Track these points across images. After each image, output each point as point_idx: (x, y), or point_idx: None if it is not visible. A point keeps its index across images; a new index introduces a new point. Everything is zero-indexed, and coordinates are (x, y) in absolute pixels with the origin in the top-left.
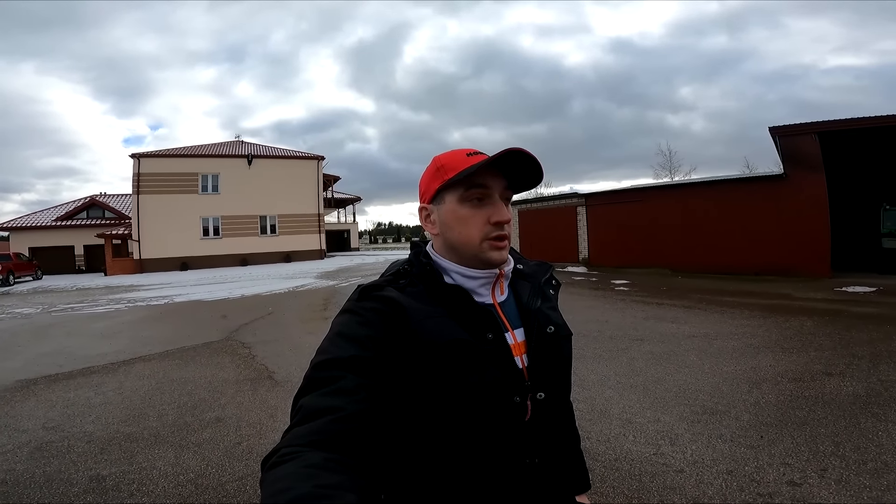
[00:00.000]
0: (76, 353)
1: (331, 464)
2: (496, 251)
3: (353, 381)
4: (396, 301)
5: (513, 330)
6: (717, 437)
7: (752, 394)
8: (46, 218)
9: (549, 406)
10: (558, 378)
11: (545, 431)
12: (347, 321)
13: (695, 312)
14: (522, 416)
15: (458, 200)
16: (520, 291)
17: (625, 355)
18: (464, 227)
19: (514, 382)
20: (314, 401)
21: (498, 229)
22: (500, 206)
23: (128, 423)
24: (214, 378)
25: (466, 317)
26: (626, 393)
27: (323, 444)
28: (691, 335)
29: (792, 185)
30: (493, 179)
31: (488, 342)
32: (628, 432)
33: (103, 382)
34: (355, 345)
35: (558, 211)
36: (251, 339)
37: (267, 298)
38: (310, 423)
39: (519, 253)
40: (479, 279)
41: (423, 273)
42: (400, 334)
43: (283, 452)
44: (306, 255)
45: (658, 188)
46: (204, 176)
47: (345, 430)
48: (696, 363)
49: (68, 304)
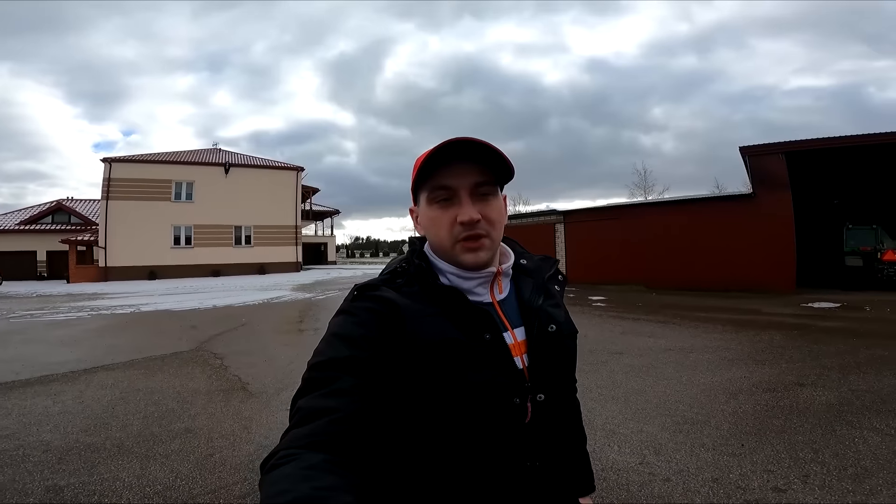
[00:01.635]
0: (34, 361)
1: (328, 465)
2: (469, 253)
3: (349, 381)
4: (392, 301)
5: (512, 329)
6: (700, 447)
7: (730, 404)
8: (9, 221)
9: (550, 407)
10: (560, 378)
11: (546, 433)
12: (343, 322)
13: (670, 327)
14: (522, 417)
15: (426, 202)
16: (522, 288)
17: (605, 368)
18: (435, 228)
19: (513, 383)
20: (311, 402)
21: (467, 229)
22: (465, 205)
23: (88, 432)
24: (184, 388)
25: (462, 318)
26: (607, 404)
27: (321, 446)
28: (668, 349)
29: (760, 204)
30: (457, 176)
31: (485, 343)
32: (613, 443)
33: (62, 391)
34: (351, 346)
35: (536, 228)
36: (223, 350)
37: (240, 310)
38: (307, 424)
39: (521, 248)
40: (475, 279)
41: (419, 273)
42: (395, 334)
43: (282, 454)
44: (282, 267)
45: (634, 206)
46: (178, 183)
47: (342, 431)
48: (674, 375)
49: (28, 310)
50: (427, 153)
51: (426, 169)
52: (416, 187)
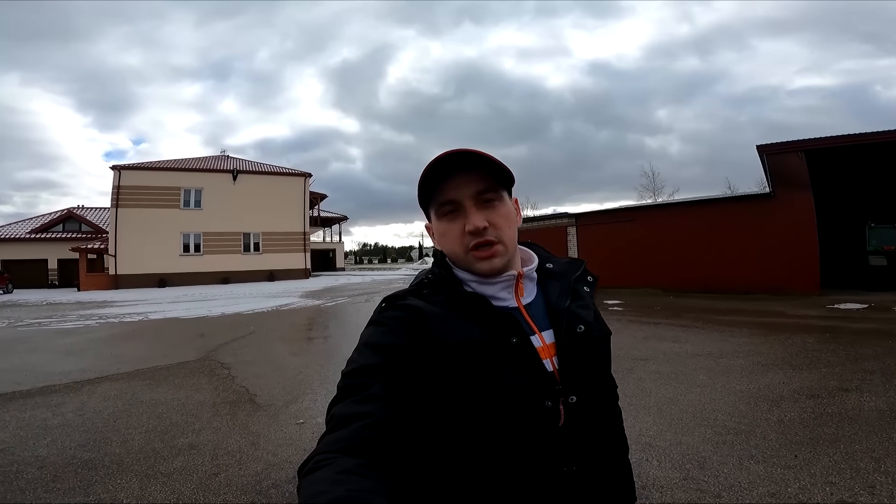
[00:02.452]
0: (37, 371)
1: (362, 469)
2: (482, 262)
3: (380, 387)
4: (418, 308)
5: (540, 332)
6: (749, 459)
7: (774, 412)
8: (21, 230)
9: (583, 410)
10: (592, 380)
11: (582, 437)
12: (373, 332)
13: (693, 331)
14: (555, 421)
15: (436, 217)
16: (549, 291)
17: (631, 376)
18: (446, 241)
19: (543, 386)
20: (345, 409)
21: (476, 237)
22: (471, 214)
23: (87, 447)
24: (189, 400)
25: (487, 323)
26: (640, 415)
27: (354, 450)
28: (696, 354)
29: (780, 204)
30: (457, 188)
31: (512, 346)
32: (651, 457)
33: (63, 403)
34: (381, 354)
35: (548, 231)
36: (231, 359)
37: (248, 317)
38: (342, 429)
39: (547, 252)
40: (496, 284)
41: (443, 282)
42: (423, 340)
43: (318, 459)
44: (291, 273)
45: (648, 208)
46: (186, 190)
47: (375, 435)
48: (707, 382)
49: (36, 318)
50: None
51: (426, 186)
52: (424, 205)
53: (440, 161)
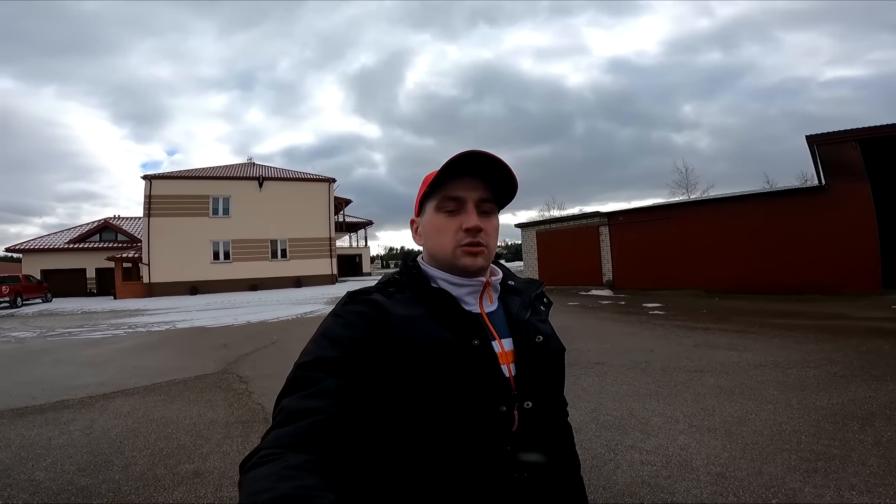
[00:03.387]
0: (55, 384)
1: (311, 465)
2: (468, 257)
3: (334, 382)
4: (380, 304)
5: (500, 339)
6: (849, 489)
7: (867, 432)
8: (60, 240)
9: (537, 417)
10: (547, 389)
11: (533, 444)
12: (332, 324)
13: (750, 338)
14: (509, 426)
15: (434, 210)
16: (509, 304)
17: (687, 391)
18: (438, 234)
19: (499, 390)
20: (295, 403)
21: (470, 236)
22: (471, 214)
23: (86, 472)
24: (201, 419)
25: (452, 321)
26: (705, 438)
27: (303, 446)
28: (758, 364)
29: (834, 197)
30: (466, 189)
31: (474, 348)
32: (727, 490)
33: (73, 419)
34: (338, 347)
35: (579, 232)
36: (250, 372)
37: (272, 326)
38: (291, 424)
39: (510, 270)
40: (465, 287)
41: (411, 280)
42: (383, 337)
43: (264, 454)
44: (317, 279)
45: (686, 204)
46: (215, 198)
47: (325, 432)
48: (779, 398)
49: (67, 328)
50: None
51: (440, 179)
52: (424, 199)
53: (463, 157)
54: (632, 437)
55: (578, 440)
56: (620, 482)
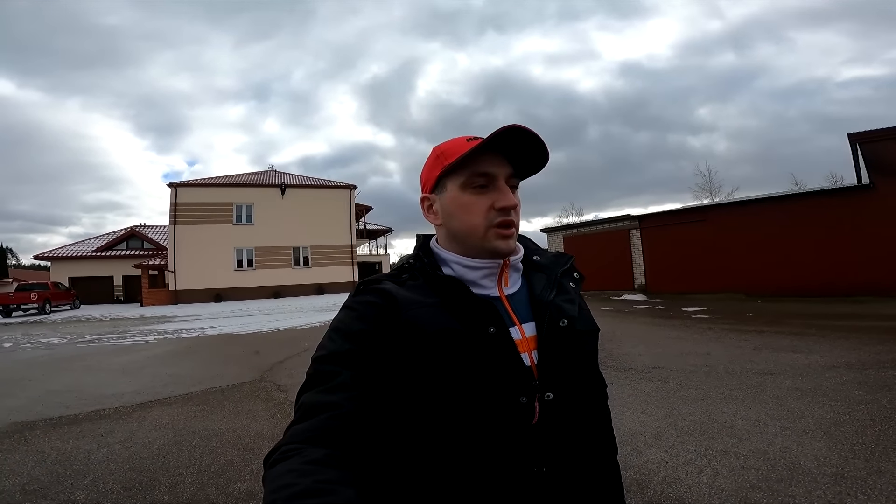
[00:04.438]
0: (89, 392)
1: (330, 459)
2: (502, 240)
3: (349, 376)
4: (390, 293)
5: (521, 324)
6: None
7: None
8: (87, 248)
9: (560, 408)
10: (573, 377)
11: (556, 437)
12: (344, 317)
13: (811, 340)
14: (529, 418)
15: (459, 187)
16: (534, 283)
17: (765, 393)
18: (467, 214)
19: (519, 381)
20: (313, 398)
21: (503, 215)
22: (505, 191)
23: (131, 492)
24: (245, 431)
25: (463, 309)
26: (804, 440)
27: (322, 441)
28: (830, 366)
29: (881, 196)
30: (496, 165)
31: (489, 336)
32: (852, 489)
33: (111, 431)
34: (350, 340)
35: (609, 235)
36: (287, 380)
37: (302, 333)
38: (310, 419)
39: (535, 244)
40: (481, 269)
41: (422, 266)
42: (392, 326)
43: (284, 450)
44: (339, 286)
45: (723, 206)
46: (238, 206)
47: (343, 426)
48: (867, 398)
49: (97, 334)
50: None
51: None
52: (444, 174)
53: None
54: (721, 441)
55: (661, 446)
56: (727, 488)
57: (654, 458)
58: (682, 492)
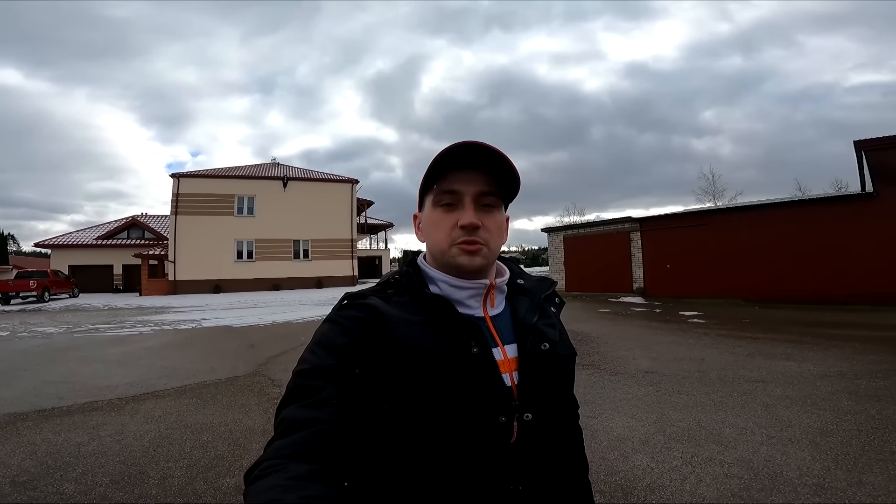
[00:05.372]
0: (83, 383)
1: (315, 475)
2: (465, 256)
3: (333, 391)
4: (376, 308)
5: (503, 345)
6: None
7: None
8: (88, 237)
9: (538, 428)
10: (551, 399)
11: (532, 456)
12: (328, 330)
13: (806, 348)
14: (507, 437)
15: (431, 205)
16: (517, 306)
17: (754, 401)
18: (435, 231)
19: (499, 401)
20: (295, 412)
21: (465, 234)
22: (467, 209)
23: (120, 485)
24: (237, 426)
25: (449, 328)
26: (789, 450)
27: (306, 456)
28: (822, 375)
29: (883, 204)
30: (464, 182)
31: (472, 356)
32: (830, 500)
33: (103, 423)
34: (334, 354)
35: (609, 238)
36: (282, 375)
37: (299, 327)
38: (292, 435)
39: (520, 268)
40: (467, 290)
41: (409, 283)
42: (377, 342)
43: (266, 465)
44: (338, 281)
45: (724, 211)
46: (240, 198)
47: (327, 441)
48: (856, 409)
49: (94, 324)
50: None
51: (435, 172)
52: (423, 190)
53: (456, 149)
54: (707, 449)
55: (647, 452)
56: (709, 496)
57: (640, 463)
58: (665, 499)
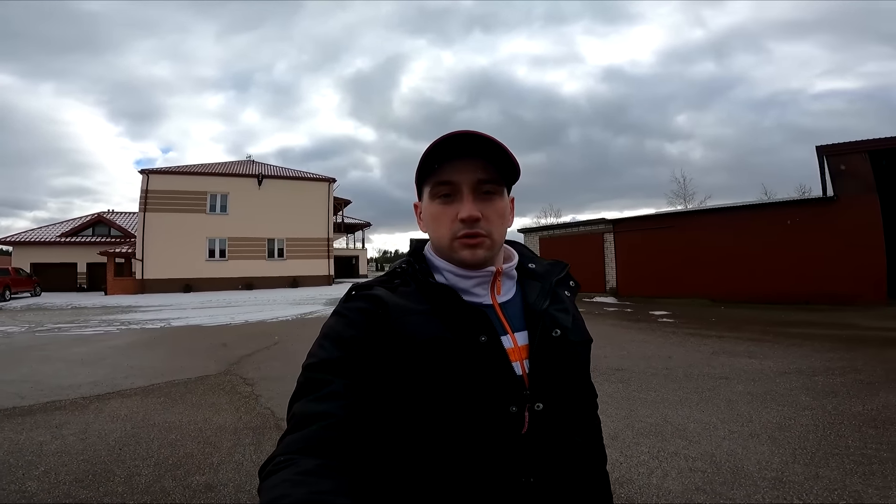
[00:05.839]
0: (45, 383)
1: (324, 469)
2: (468, 250)
3: (341, 384)
4: (381, 299)
5: (513, 333)
6: None
7: None
8: (51, 234)
9: (550, 418)
10: (564, 387)
11: (545, 447)
12: (335, 323)
13: (767, 346)
14: (518, 428)
15: (429, 197)
16: (528, 291)
17: (718, 397)
18: (436, 225)
19: (509, 390)
20: (305, 406)
21: (466, 227)
22: (466, 202)
23: (84, 483)
24: (207, 424)
25: (454, 317)
26: (750, 444)
27: (315, 451)
28: (782, 372)
29: (843, 208)
30: (460, 172)
31: (480, 345)
32: (789, 493)
33: (66, 422)
34: (341, 347)
35: (583, 238)
36: (254, 374)
37: (272, 326)
38: (302, 430)
39: (530, 252)
40: (473, 278)
41: (415, 272)
42: (382, 333)
43: (278, 461)
44: (314, 280)
45: (692, 213)
46: (213, 195)
47: (336, 435)
48: (813, 404)
49: (57, 323)
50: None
51: (429, 162)
52: (419, 181)
53: (449, 139)
54: (673, 444)
55: (617, 447)
56: (674, 490)
57: (609, 458)
58: (633, 493)
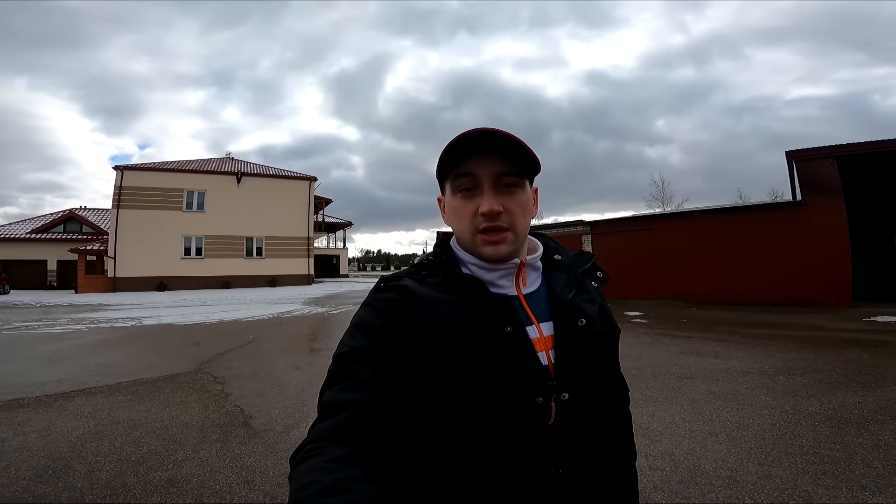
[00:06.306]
0: (9, 380)
1: (353, 457)
2: (489, 246)
3: (369, 373)
4: (409, 289)
5: (539, 323)
6: (860, 489)
7: (864, 436)
8: (21, 230)
9: (577, 409)
10: (590, 378)
11: (573, 438)
12: (365, 314)
13: (733, 346)
14: (545, 419)
15: (451, 191)
16: (553, 283)
17: (682, 396)
18: (458, 219)
19: (535, 381)
20: (335, 395)
21: (487, 221)
22: (487, 196)
23: (43, 478)
24: (173, 422)
25: (481, 307)
26: (708, 443)
27: (344, 439)
28: (745, 371)
29: (810, 212)
30: (480, 165)
31: (506, 335)
32: (741, 493)
33: (28, 420)
34: (371, 337)
35: (561, 240)
36: (225, 372)
37: (248, 325)
38: (332, 418)
39: (555, 243)
40: (497, 270)
41: (442, 263)
42: (410, 323)
43: (308, 448)
44: (293, 279)
45: (667, 216)
46: (189, 192)
47: (364, 424)
48: (772, 403)
49: (25, 321)
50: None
51: (450, 157)
52: (441, 176)
53: (467, 137)
54: (636, 442)
55: None
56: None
57: None
58: None
